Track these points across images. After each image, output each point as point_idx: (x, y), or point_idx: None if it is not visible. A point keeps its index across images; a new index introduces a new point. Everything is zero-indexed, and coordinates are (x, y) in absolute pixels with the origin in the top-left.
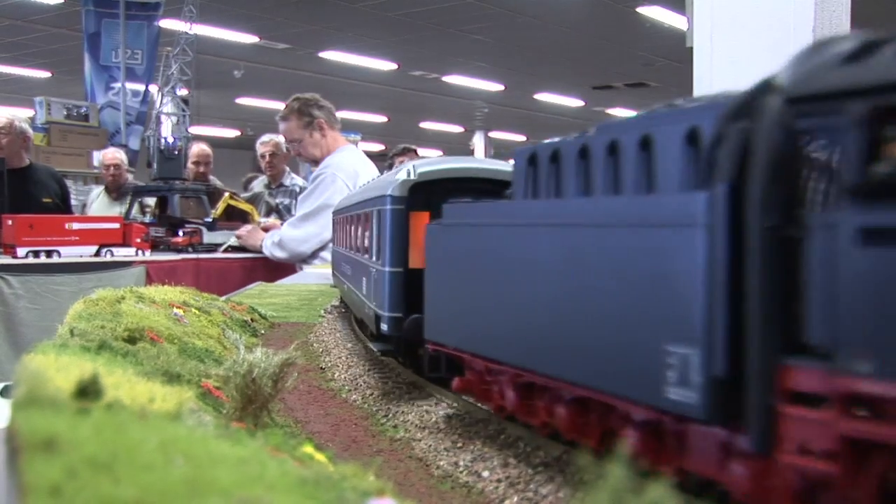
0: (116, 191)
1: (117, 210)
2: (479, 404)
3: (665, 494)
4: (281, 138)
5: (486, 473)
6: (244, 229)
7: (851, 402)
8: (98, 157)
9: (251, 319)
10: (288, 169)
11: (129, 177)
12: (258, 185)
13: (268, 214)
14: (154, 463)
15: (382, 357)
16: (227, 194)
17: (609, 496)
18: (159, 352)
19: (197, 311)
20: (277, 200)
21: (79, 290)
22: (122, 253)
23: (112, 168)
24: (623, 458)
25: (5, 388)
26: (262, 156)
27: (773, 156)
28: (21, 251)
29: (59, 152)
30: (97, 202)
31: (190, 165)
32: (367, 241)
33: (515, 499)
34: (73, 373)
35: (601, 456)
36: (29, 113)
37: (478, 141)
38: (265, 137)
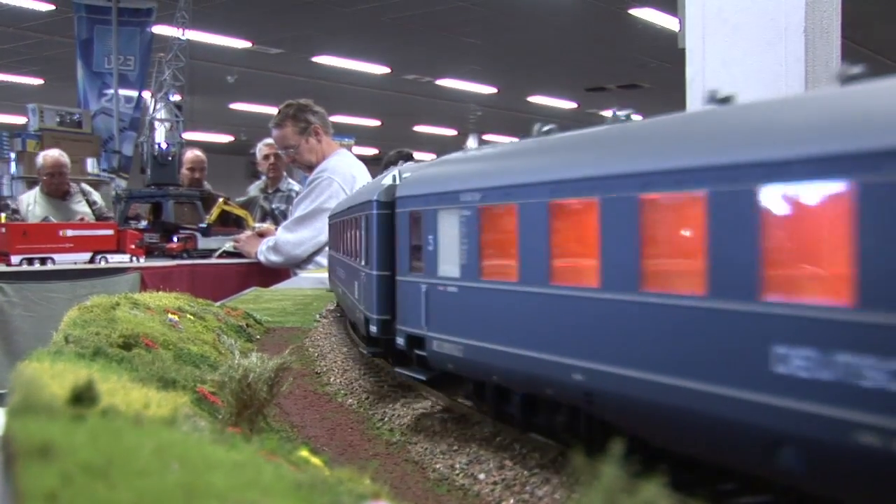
0: (61, 195)
1: (64, 207)
2: (474, 407)
3: (658, 494)
4: (283, 152)
5: (482, 476)
6: (243, 236)
7: None
8: (39, 159)
9: (246, 324)
10: (286, 174)
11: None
12: (253, 189)
13: (262, 219)
14: (149, 468)
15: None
16: (221, 200)
17: (603, 496)
18: (154, 358)
19: (192, 317)
20: (274, 205)
21: (73, 297)
22: (116, 259)
23: (56, 176)
24: (616, 459)
25: (0, 395)
26: (266, 157)
27: None
28: (15, 259)
29: None
30: (37, 205)
31: (184, 171)
32: None
33: (512, 501)
34: (68, 379)
35: (595, 457)
36: (22, 120)
37: (472, 144)
38: (269, 140)
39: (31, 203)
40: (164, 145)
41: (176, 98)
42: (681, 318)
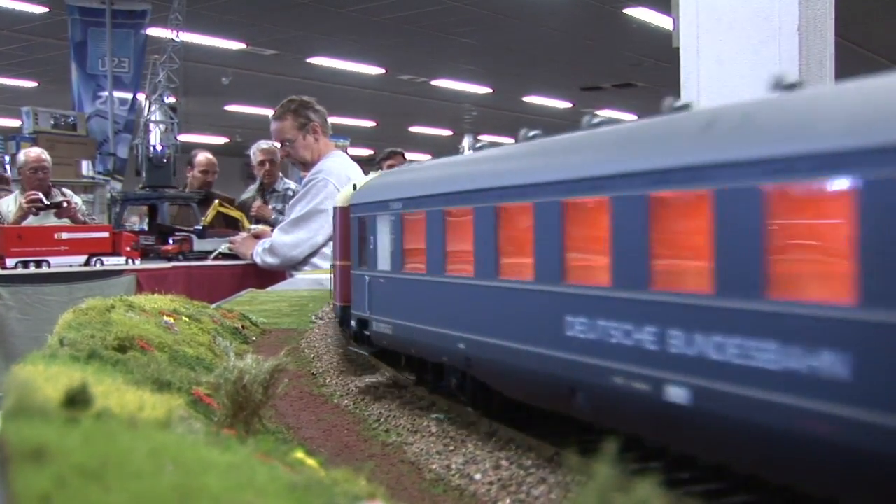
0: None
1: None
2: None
3: (652, 493)
4: (278, 145)
5: (478, 476)
6: (238, 237)
7: None
8: (20, 156)
9: (242, 326)
10: (280, 174)
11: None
12: (249, 191)
13: (258, 221)
14: (144, 470)
15: None
16: (216, 201)
17: (597, 495)
18: (150, 360)
19: (187, 319)
20: (270, 206)
21: (69, 300)
22: (112, 262)
23: (40, 172)
24: (610, 458)
25: None
26: (262, 163)
27: None
28: (10, 262)
29: None
30: (19, 209)
31: (196, 174)
32: None
33: (508, 501)
34: (63, 382)
35: (590, 456)
36: (16, 123)
37: (467, 144)
38: (263, 144)
39: (12, 206)
40: (159, 147)
41: (171, 100)
42: None
